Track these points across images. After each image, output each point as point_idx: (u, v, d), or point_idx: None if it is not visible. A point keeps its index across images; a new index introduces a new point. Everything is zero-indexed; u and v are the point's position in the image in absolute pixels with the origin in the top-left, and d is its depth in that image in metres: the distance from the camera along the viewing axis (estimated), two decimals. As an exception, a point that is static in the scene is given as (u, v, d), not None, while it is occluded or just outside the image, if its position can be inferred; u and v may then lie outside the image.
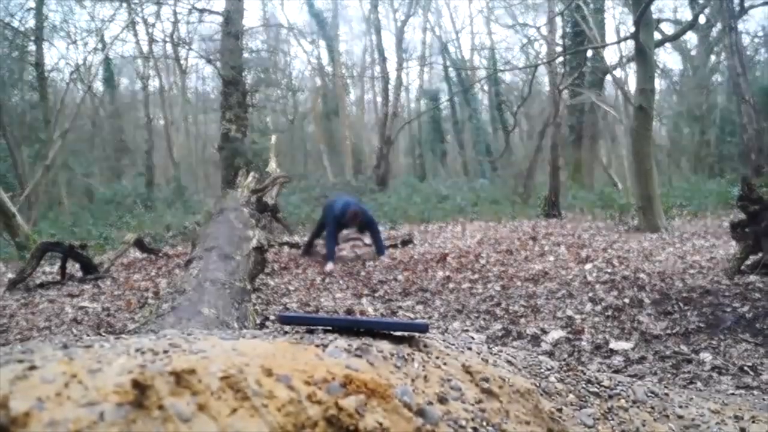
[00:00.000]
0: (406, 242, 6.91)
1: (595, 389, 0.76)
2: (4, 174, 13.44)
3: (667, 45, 19.61)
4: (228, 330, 0.66)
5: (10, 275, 5.62)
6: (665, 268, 4.41)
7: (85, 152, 18.91)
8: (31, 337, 3.43)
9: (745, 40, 17.48)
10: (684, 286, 3.71)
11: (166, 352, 0.54)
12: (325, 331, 0.68)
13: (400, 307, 3.77)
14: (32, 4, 14.59)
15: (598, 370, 2.19)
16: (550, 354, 2.57)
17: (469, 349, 0.74)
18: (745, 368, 2.19)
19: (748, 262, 3.90)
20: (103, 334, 3.33)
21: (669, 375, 2.19)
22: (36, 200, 12.55)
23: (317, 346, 0.63)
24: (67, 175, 17.29)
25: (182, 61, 20.13)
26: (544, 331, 2.92)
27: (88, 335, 3.36)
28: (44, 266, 5.98)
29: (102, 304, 4.18)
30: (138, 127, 22.92)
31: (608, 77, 15.56)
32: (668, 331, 2.75)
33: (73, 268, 5.60)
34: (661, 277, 4.04)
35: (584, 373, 0.79)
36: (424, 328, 0.70)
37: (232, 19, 10.66)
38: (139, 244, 6.46)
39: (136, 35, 20.04)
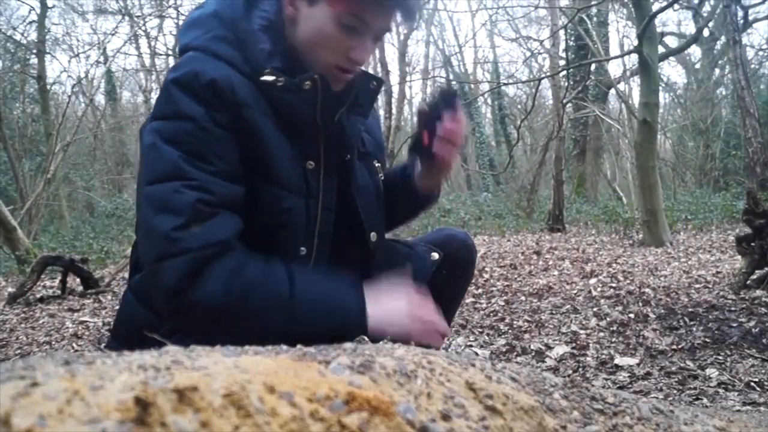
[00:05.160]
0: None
1: (600, 406, 0.75)
2: (5, 187, 13.49)
3: (671, 58, 19.67)
4: (230, 346, 0.66)
5: (11, 289, 5.62)
6: (670, 282, 4.39)
7: (86, 165, 18.97)
8: (32, 352, 3.42)
9: (750, 53, 17.52)
10: (689, 300, 3.69)
11: (168, 368, 0.54)
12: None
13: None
14: (35, 17, 14.73)
15: (603, 386, 2.18)
16: (555, 370, 2.56)
17: (473, 365, 0.73)
18: (752, 384, 2.18)
19: (754, 277, 3.88)
20: (104, 349, 3.32)
21: (675, 391, 2.17)
22: (37, 213, 12.57)
23: (320, 362, 0.63)
24: (68, 189, 17.34)
25: (185, 75, 20.26)
26: (549, 347, 2.90)
27: (89, 350, 3.35)
28: (45, 280, 5.97)
29: (103, 319, 4.17)
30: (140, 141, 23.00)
31: (612, 91, 15.61)
32: (674, 347, 2.74)
33: (74, 282, 5.59)
34: (667, 291, 4.02)
35: (588, 390, 0.79)
36: None
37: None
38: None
39: (138, 48, 20.19)
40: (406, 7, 1.16)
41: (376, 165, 1.34)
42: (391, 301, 1.12)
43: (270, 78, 1.09)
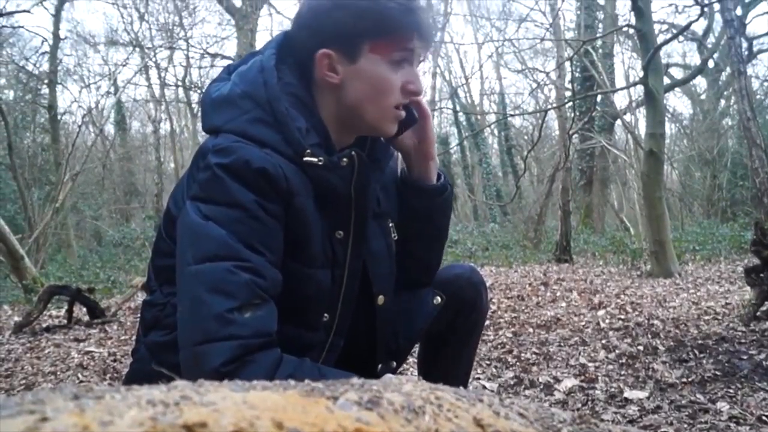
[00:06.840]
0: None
1: (609, 443, 0.74)
2: (14, 216, 13.56)
3: (677, 89, 19.80)
4: (238, 381, 0.66)
5: (17, 318, 5.62)
6: (679, 314, 4.35)
7: (94, 195, 19.12)
8: (36, 382, 3.40)
9: (755, 84, 17.62)
10: (699, 332, 3.66)
11: (177, 404, 0.54)
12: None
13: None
14: (47, 48, 14.99)
15: (613, 421, 2.15)
16: (564, 403, 2.53)
17: (481, 401, 0.73)
18: (764, 418, 2.14)
19: (763, 308, 3.85)
20: (110, 381, 3.30)
21: (685, 425, 2.14)
22: (44, 242, 12.61)
23: (328, 398, 0.63)
24: (76, 218, 17.43)
25: (193, 105, 20.50)
26: (557, 380, 2.87)
27: (95, 382, 3.33)
28: (51, 309, 5.96)
29: (108, 350, 4.15)
30: (148, 170, 23.25)
31: (618, 122, 15.69)
32: (684, 380, 2.70)
33: (80, 311, 5.58)
34: (676, 323, 3.99)
35: (597, 426, 0.78)
36: None
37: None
38: (147, 288, 6.43)
39: (148, 79, 20.51)
40: (435, 26, 1.16)
41: (390, 225, 1.32)
42: None
43: (313, 159, 1.09)
